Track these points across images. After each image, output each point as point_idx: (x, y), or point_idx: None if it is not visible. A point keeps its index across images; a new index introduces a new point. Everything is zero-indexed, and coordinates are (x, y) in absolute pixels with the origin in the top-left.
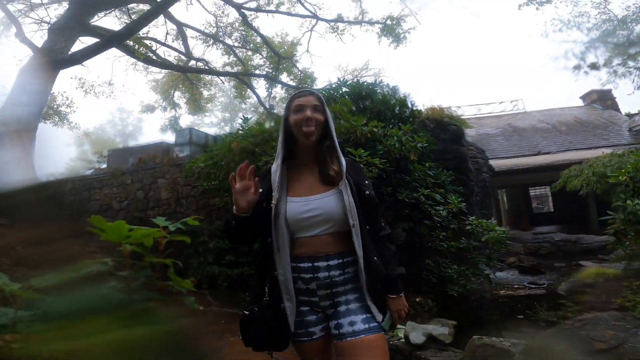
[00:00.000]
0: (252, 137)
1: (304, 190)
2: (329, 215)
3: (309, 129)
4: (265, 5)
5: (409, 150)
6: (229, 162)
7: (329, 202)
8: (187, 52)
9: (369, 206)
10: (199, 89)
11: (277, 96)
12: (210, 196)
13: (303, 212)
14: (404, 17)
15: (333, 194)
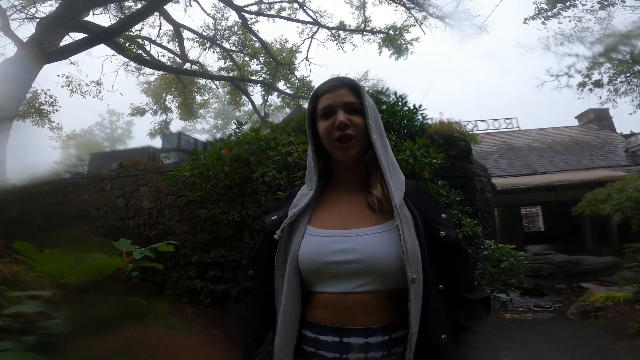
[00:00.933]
0: (247, 144)
1: (336, 221)
2: (372, 263)
3: (344, 145)
4: (267, 10)
5: (422, 167)
6: (218, 172)
7: (373, 242)
8: (182, 54)
9: (446, 254)
10: (192, 93)
11: (273, 104)
12: (195, 207)
13: (329, 252)
14: (407, 28)
15: (383, 230)
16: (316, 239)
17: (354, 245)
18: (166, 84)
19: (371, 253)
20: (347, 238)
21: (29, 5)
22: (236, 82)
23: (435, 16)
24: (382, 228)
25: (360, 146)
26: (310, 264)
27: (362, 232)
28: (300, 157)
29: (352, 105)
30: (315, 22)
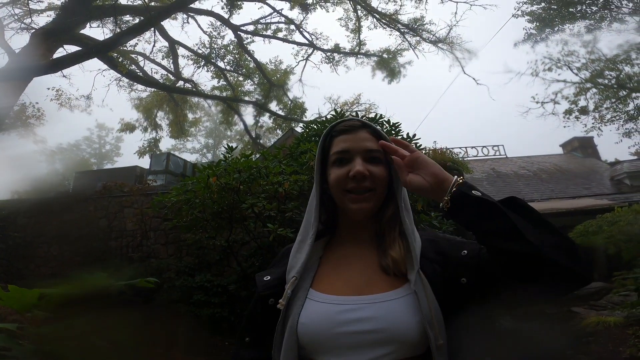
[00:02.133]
0: (237, 172)
1: (346, 285)
2: (394, 332)
3: (361, 199)
4: (263, 30)
5: (416, 199)
6: (205, 200)
7: (394, 309)
8: (176, 72)
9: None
10: (183, 111)
11: (265, 125)
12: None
13: (341, 322)
14: (400, 51)
15: (402, 295)
16: (323, 306)
17: (372, 313)
18: (158, 101)
19: (392, 321)
20: (365, 305)
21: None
22: (229, 102)
23: (428, 41)
24: (400, 293)
25: (378, 201)
26: (316, 334)
27: (380, 299)
28: (291, 188)
29: (372, 153)
30: (311, 44)
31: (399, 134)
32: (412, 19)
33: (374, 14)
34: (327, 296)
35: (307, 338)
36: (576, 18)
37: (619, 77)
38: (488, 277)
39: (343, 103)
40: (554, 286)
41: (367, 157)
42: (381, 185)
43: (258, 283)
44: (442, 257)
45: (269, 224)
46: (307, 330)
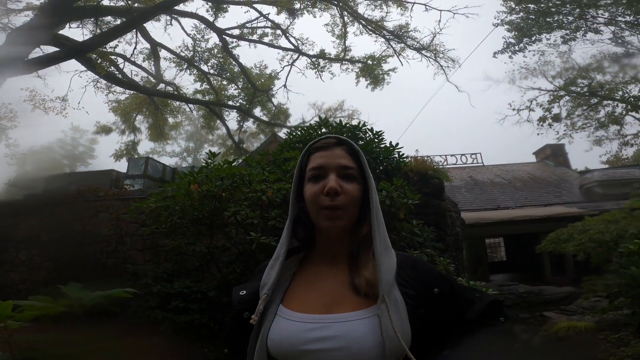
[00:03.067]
0: (219, 180)
1: (315, 303)
2: (355, 352)
3: (333, 216)
4: (249, 35)
5: (398, 208)
6: (186, 207)
7: (356, 330)
8: (157, 74)
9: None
10: (164, 115)
11: (248, 130)
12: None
13: (307, 340)
14: (385, 58)
15: (367, 316)
16: (291, 323)
17: (336, 332)
18: (137, 104)
19: (354, 341)
20: (329, 324)
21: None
22: (211, 107)
23: (413, 48)
24: (366, 314)
25: (351, 218)
26: (284, 351)
27: (344, 318)
28: (275, 196)
29: (347, 170)
30: (297, 50)
31: (381, 142)
32: (398, 26)
33: (360, 20)
34: (295, 314)
35: (276, 353)
36: (553, 28)
37: (591, 85)
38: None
39: (327, 109)
40: None
41: (341, 173)
42: (353, 203)
43: (234, 297)
44: (417, 283)
45: (251, 232)
46: (276, 346)
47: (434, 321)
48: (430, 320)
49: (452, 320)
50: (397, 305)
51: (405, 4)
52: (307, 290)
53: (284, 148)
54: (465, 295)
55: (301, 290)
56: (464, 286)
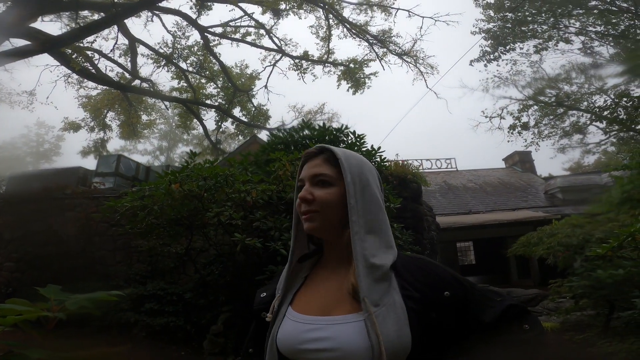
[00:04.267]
0: (201, 179)
1: (316, 306)
2: (345, 353)
3: (306, 222)
4: (231, 33)
5: None
6: (165, 207)
7: (347, 332)
8: (133, 70)
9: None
10: (137, 112)
11: (226, 131)
12: (132, 237)
13: (304, 340)
14: (367, 62)
15: (355, 320)
16: (294, 324)
17: (329, 333)
18: (109, 100)
19: (345, 342)
20: (324, 325)
21: None
22: (189, 105)
23: (394, 53)
24: (356, 317)
25: (330, 221)
26: (288, 348)
27: (337, 320)
28: (260, 197)
29: (318, 177)
30: (280, 50)
31: (363, 145)
32: (381, 31)
33: (345, 23)
34: (298, 315)
35: (283, 351)
36: (527, 37)
37: (558, 95)
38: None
39: (307, 112)
40: None
41: (313, 181)
42: (328, 206)
43: (255, 298)
44: (426, 286)
45: (236, 234)
46: (281, 344)
47: (447, 326)
48: (443, 325)
49: (469, 325)
50: (395, 309)
51: (389, 10)
52: (311, 293)
53: (266, 149)
54: (482, 299)
55: (307, 293)
56: (483, 289)
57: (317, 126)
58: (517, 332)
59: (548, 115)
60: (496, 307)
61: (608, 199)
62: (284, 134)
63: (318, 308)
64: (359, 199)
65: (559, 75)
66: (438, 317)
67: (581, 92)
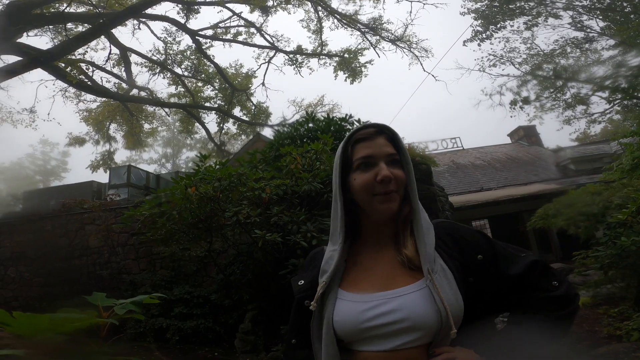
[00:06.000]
0: (216, 181)
1: (371, 283)
2: (417, 321)
3: (388, 199)
4: (223, 34)
5: None
6: (183, 211)
7: (415, 301)
8: (129, 80)
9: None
10: (139, 122)
11: (229, 132)
12: (152, 244)
13: (369, 317)
14: (361, 51)
15: (421, 287)
16: (351, 304)
17: (395, 306)
18: (110, 112)
19: (413, 311)
20: (388, 300)
21: None
22: (189, 109)
23: (387, 39)
24: (418, 286)
25: (400, 202)
26: (348, 329)
27: (401, 292)
28: (275, 192)
29: (393, 157)
30: (272, 47)
31: None
32: (372, 19)
33: (334, 14)
34: (354, 295)
35: (342, 333)
36: (516, 14)
37: (556, 69)
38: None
39: (307, 105)
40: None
41: (388, 161)
42: (402, 187)
43: (294, 287)
44: (459, 251)
45: (256, 231)
46: (341, 326)
47: (485, 287)
48: (481, 287)
49: (500, 280)
50: (446, 275)
51: None
52: (361, 272)
53: (274, 146)
54: (508, 254)
55: (356, 273)
56: (507, 245)
57: (321, 117)
58: (549, 288)
59: (548, 89)
60: (520, 262)
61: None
62: (289, 129)
63: (374, 285)
64: (413, 178)
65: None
66: (475, 280)
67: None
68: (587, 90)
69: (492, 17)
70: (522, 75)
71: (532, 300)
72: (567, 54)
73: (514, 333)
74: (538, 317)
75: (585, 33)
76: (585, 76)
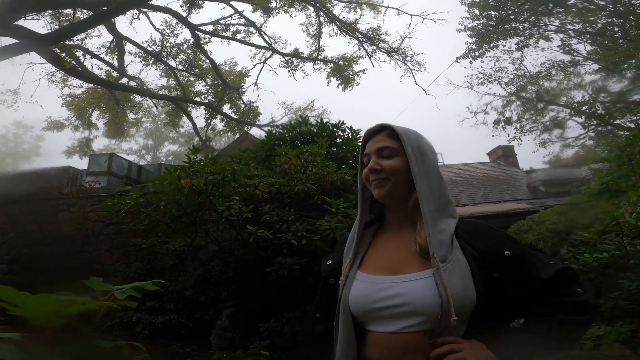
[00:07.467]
0: (210, 174)
1: (384, 266)
2: (417, 307)
3: (376, 185)
4: (222, 31)
5: None
6: (169, 203)
7: (418, 287)
8: (120, 68)
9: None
10: (124, 110)
11: (215, 128)
12: (129, 236)
13: (377, 298)
14: (356, 59)
15: (424, 276)
16: (364, 285)
17: (400, 290)
18: (95, 99)
19: (415, 297)
20: (395, 284)
21: None
22: (179, 102)
23: (383, 50)
24: (426, 274)
25: (397, 187)
26: (360, 307)
27: (408, 278)
28: (269, 190)
29: (383, 150)
30: (270, 48)
31: (358, 140)
32: (370, 29)
33: (335, 21)
34: (368, 276)
35: (355, 311)
36: (510, 35)
37: (539, 91)
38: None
39: (296, 109)
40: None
41: (379, 154)
42: (395, 174)
43: (322, 266)
44: (485, 247)
45: (248, 226)
46: (354, 305)
47: (509, 284)
48: (506, 283)
49: (527, 281)
50: (459, 265)
51: (378, 8)
52: (378, 256)
53: (266, 145)
54: (536, 259)
55: (374, 256)
56: (535, 251)
57: (314, 122)
58: (572, 294)
59: (529, 111)
60: (550, 268)
61: (588, 190)
62: (282, 130)
63: (386, 268)
64: (420, 167)
65: (540, 72)
66: (500, 276)
67: (560, 88)
68: (565, 114)
69: (487, 36)
70: (507, 95)
71: (554, 303)
72: (552, 76)
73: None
74: (555, 320)
75: (572, 56)
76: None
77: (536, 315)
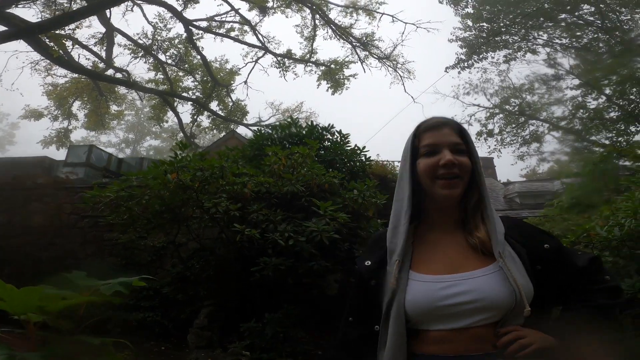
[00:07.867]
0: (199, 170)
1: (442, 265)
2: (491, 302)
3: (451, 185)
4: (216, 28)
5: (367, 207)
6: (153, 197)
7: (488, 283)
8: (107, 59)
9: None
10: (107, 102)
11: (201, 125)
12: (105, 230)
13: (442, 297)
14: (348, 64)
15: (493, 271)
16: (424, 285)
17: (468, 287)
18: (78, 89)
19: (489, 292)
20: (461, 281)
21: None
22: (166, 97)
23: (375, 56)
24: (491, 269)
25: (464, 188)
26: (420, 309)
27: (476, 274)
28: (258, 189)
29: (457, 145)
30: (263, 47)
31: (347, 144)
32: (364, 34)
33: (330, 24)
34: (426, 276)
35: (413, 312)
36: (499, 47)
37: (521, 104)
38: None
39: (285, 110)
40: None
41: (453, 149)
42: (466, 173)
43: (360, 267)
44: (526, 241)
45: (235, 225)
46: (413, 306)
47: (552, 274)
48: (548, 275)
49: (566, 270)
50: (514, 260)
51: (374, 14)
52: (431, 255)
53: (254, 145)
54: (570, 250)
55: (426, 255)
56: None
57: (304, 124)
58: (603, 281)
59: (511, 124)
60: (583, 257)
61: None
62: (272, 130)
63: (445, 267)
64: (481, 171)
65: (523, 85)
66: (543, 268)
67: (541, 102)
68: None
69: (477, 47)
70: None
71: (591, 290)
72: (534, 89)
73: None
74: (597, 305)
75: (555, 70)
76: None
77: (577, 302)
